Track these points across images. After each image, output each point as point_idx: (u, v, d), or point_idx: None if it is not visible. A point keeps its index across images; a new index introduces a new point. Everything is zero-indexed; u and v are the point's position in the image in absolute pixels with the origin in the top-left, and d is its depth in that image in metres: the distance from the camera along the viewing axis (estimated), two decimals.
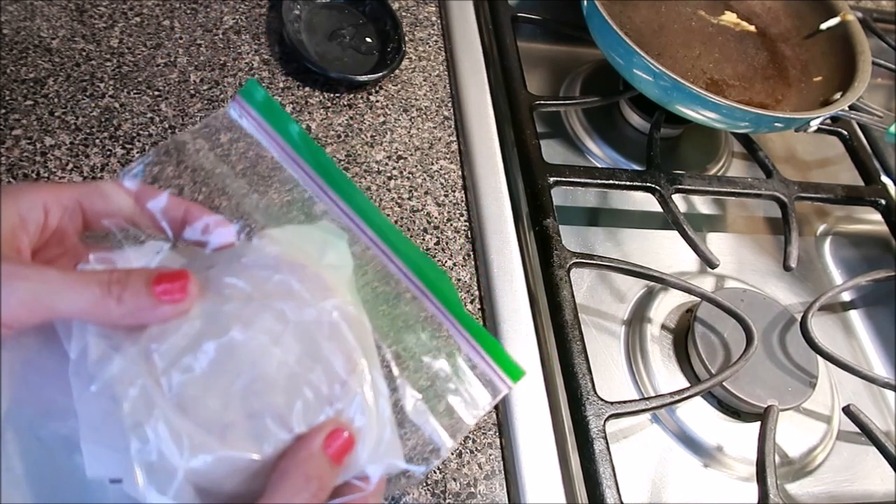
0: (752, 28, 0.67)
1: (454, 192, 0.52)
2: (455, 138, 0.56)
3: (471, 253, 0.50)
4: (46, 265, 0.24)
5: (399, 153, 0.53)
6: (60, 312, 0.23)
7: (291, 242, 0.28)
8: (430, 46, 0.62)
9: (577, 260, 0.48)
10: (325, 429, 0.24)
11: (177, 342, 0.24)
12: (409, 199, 0.51)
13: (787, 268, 0.54)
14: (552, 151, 0.62)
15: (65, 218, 0.27)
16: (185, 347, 0.24)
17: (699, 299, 0.51)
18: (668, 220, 0.54)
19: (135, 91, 0.51)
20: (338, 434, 0.24)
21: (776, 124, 0.54)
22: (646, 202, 0.59)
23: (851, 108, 0.55)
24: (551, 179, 0.52)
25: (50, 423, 0.26)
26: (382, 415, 0.26)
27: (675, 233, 0.53)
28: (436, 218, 0.51)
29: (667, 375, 0.49)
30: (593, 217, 0.60)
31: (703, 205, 0.64)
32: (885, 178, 0.64)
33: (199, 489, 0.23)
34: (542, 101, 0.58)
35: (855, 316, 0.61)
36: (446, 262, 0.49)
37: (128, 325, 0.24)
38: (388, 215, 0.50)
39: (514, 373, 0.28)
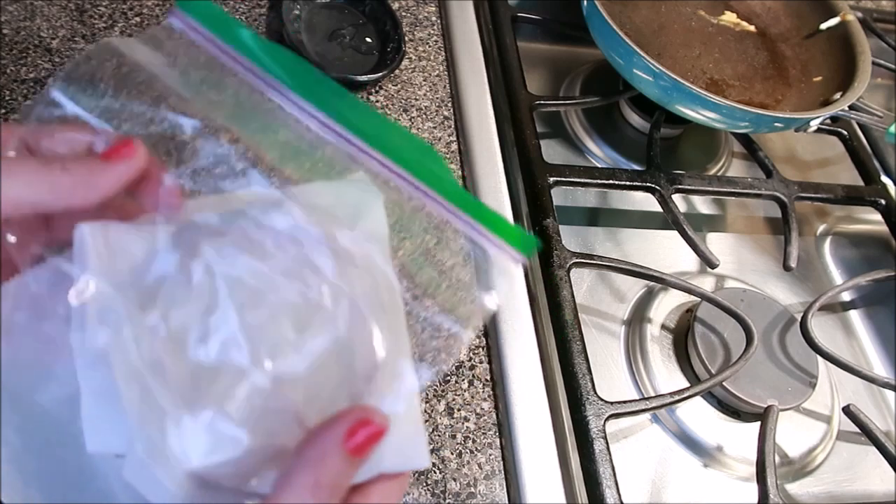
0: (752, 28, 0.67)
1: None
2: (455, 138, 0.56)
3: (471, 253, 0.50)
4: None
5: None
6: (6, 200, 0.21)
7: (322, 205, 0.25)
8: (430, 46, 0.62)
9: (577, 260, 0.48)
10: (345, 420, 0.21)
11: (188, 315, 0.22)
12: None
13: (787, 268, 0.54)
14: (552, 151, 0.62)
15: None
16: (194, 324, 0.22)
17: (699, 299, 0.51)
18: (668, 220, 0.54)
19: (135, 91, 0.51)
20: (363, 425, 0.21)
21: (776, 124, 0.54)
22: (646, 202, 0.59)
23: (851, 108, 0.55)
24: (551, 179, 0.52)
25: (51, 387, 0.24)
26: (411, 413, 0.24)
27: (675, 233, 0.53)
28: (436, 218, 0.50)
29: (667, 375, 0.49)
30: (593, 217, 0.60)
31: (703, 205, 0.64)
32: (885, 178, 0.64)
33: (205, 481, 0.22)
34: (542, 101, 0.58)
35: (855, 316, 0.61)
36: (446, 261, 0.49)
37: (83, 201, 0.22)
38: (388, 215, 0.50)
39: (526, 245, 0.25)
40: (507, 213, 0.51)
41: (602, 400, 0.42)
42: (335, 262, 0.24)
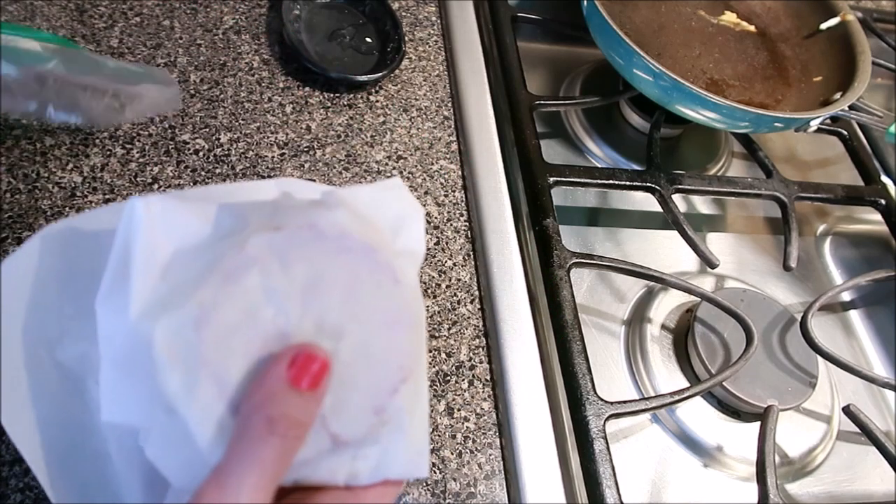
0: (752, 28, 0.67)
1: (454, 192, 0.52)
2: (455, 138, 0.56)
3: (471, 253, 0.50)
4: None
5: (399, 153, 0.53)
6: None
7: (367, 214, 0.26)
8: (430, 46, 0.62)
9: (577, 260, 0.48)
10: (284, 356, 0.21)
11: (233, 315, 0.22)
12: None
13: (787, 268, 0.54)
14: (552, 151, 0.62)
15: None
16: (238, 324, 0.22)
17: (699, 299, 0.51)
18: (668, 220, 0.54)
19: None
20: (303, 357, 0.22)
21: (776, 124, 0.54)
22: (646, 202, 0.59)
23: (851, 108, 0.55)
24: (551, 179, 0.52)
25: (67, 340, 0.24)
26: (422, 426, 0.25)
27: (675, 233, 0.53)
28: (436, 218, 0.51)
29: (667, 375, 0.49)
30: (593, 217, 0.60)
31: (703, 205, 0.64)
32: (885, 178, 0.64)
33: None
34: (542, 101, 0.58)
35: (855, 316, 0.61)
36: (446, 261, 0.49)
37: None
38: None
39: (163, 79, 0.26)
40: (508, 213, 0.51)
41: (602, 400, 0.42)
42: (377, 275, 0.24)
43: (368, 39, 0.59)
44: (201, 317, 0.21)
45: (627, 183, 0.54)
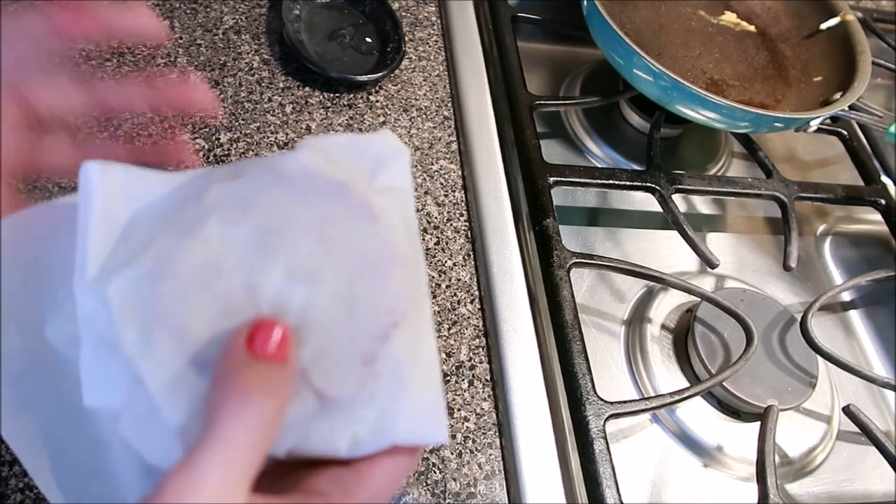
0: (752, 28, 0.67)
1: (454, 192, 0.52)
2: (455, 138, 0.56)
3: (471, 253, 0.50)
4: None
5: None
6: None
7: (339, 156, 0.24)
8: (430, 46, 0.62)
9: (577, 260, 0.48)
10: (243, 328, 0.20)
11: (191, 267, 0.20)
12: None
13: (787, 268, 0.54)
14: (552, 151, 0.62)
15: None
16: (198, 275, 0.21)
17: (699, 299, 0.51)
18: (668, 220, 0.54)
19: None
20: (262, 329, 0.20)
21: (776, 124, 0.54)
22: (646, 202, 0.59)
23: (851, 108, 0.55)
24: (551, 179, 0.52)
25: (58, 322, 0.23)
26: (429, 382, 0.23)
27: (675, 233, 0.53)
28: (436, 218, 0.51)
29: (667, 375, 0.49)
30: (593, 217, 0.60)
31: (703, 205, 0.64)
32: (885, 178, 0.64)
33: None
34: (542, 101, 0.58)
35: (855, 316, 0.61)
36: (446, 261, 0.49)
37: None
38: None
39: None
40: (508, 213, 0.51)
41: (602, 400, 0.42)
42: (351, 213, 0.22)
43: (368, 39, 0.59)
44: (156, 270, 0.20)
45: (627, 183, 0.54)
